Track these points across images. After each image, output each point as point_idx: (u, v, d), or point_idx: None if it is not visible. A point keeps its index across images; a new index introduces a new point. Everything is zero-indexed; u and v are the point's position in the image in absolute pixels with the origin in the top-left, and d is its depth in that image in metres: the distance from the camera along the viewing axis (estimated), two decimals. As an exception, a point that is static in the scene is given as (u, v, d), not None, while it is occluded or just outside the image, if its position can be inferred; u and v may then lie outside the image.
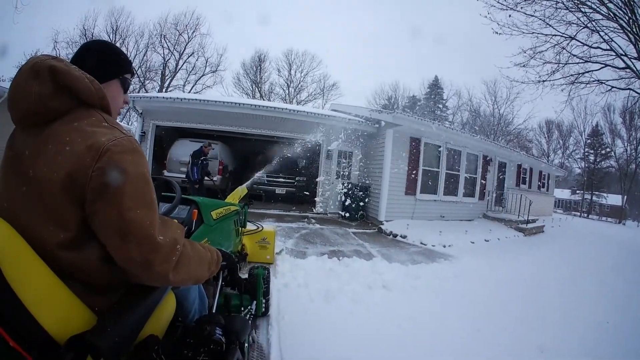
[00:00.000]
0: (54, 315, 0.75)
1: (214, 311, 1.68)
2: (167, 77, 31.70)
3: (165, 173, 9.14)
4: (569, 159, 40.51)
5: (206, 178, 8.17)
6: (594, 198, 38.08)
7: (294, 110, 9.19)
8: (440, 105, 38.32)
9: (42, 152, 0.81)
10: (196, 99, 8.85)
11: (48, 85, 0.84)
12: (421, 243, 7.16)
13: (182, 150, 8.83)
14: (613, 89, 10.81)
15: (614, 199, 36.68)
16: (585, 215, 35.09)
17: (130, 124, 22.74)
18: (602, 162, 36.97)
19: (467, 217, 10.95)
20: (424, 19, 66.97)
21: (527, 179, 16.44)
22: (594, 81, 10.77)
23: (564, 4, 10.34)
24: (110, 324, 0.78)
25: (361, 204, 9.33)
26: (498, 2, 10.29)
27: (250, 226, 3.44)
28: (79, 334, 0.75)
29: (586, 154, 37.55)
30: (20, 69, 0.86)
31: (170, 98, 8.48)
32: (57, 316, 0.76)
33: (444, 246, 7.15)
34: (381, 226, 8.20)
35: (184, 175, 8.06)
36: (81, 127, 0.84)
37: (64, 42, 25.30)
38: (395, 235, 7.61)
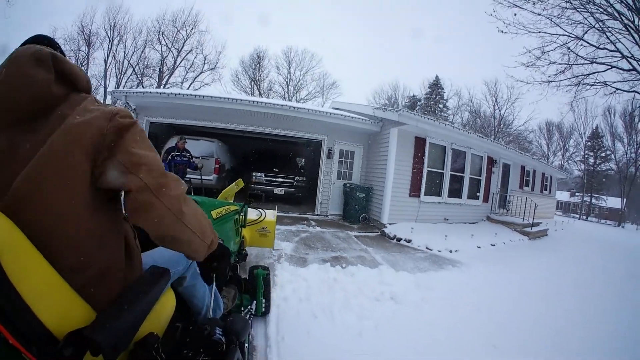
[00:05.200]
0: (53, 310, 0.74)
1: None
2: (164, 75, 31.29)
3: None
4: (569, 161, 40.68)
5: (202, 177, 7.76)
6: (593, 200, 38.39)
7: (293, 107, 8.76)
8: (441, 106, 37.98)
9: (51, 135, 0.83)
10: (191, 95, 8.44)
11: (52, 72, 0.89)
12: (427, 248, 6.81)
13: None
14: (617, 91, 10.71)
15: (614, 202, 37.25)
16: (584, 217, 35.33)
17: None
18: (602, 165, 37.13)
19: (471, 220, 10.71)
20: (425, 19, 66.84)
21: (531, 181, 16.36)
22: (598, 83, 10.71)
23: (571, 2, 10.21)
24: (109, 320, 0.77)
25: (363, 205, 8.98)
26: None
27: (252, 212, 3.47)
28: (78, 329, 0.74)
29: (586, 156, 37.74)
30: (16, 60, 0.87)
31: (165, 93, 8.03)
32: (56, 311, 0.74)
33: (451, 251, 6.83)
34: (384, 229, 7.84)
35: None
36: (87, 107, 0.90)
37: (62, 39, 25.11)
38: (399, 240, 7.25)
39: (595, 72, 11.18)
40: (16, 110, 0.85)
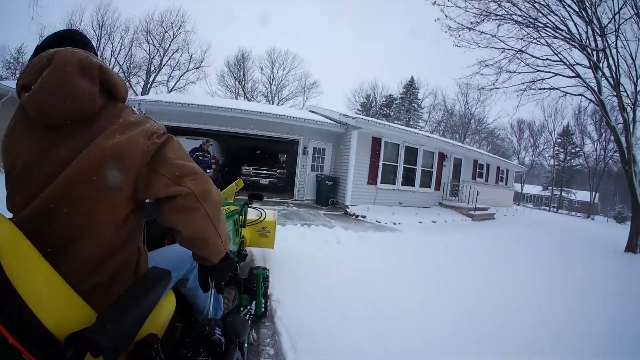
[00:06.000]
0: (54, 311, 0.75)
1: None
2: (152, 73, 32.40)
3: None
4: (539, 157, 42.79)
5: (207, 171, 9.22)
6: (564, 194, 40.41)
7: (276, 114, 11.01)
8: (415, 105, 40.26)
9: (95, 146, 0.85)
10: (194, 104, 10.44)
11: (97, 84, 0.90)
12: (376, 221, 9.07)
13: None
14: (567, 95, 12.38)
15: (584, 195, 39.30)
16: (555, 209, 37.39)
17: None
18: (572, 161, 39.21)
19: (424, 205, 12.79)
20: (407, 19, 68.87)
21: (484, 174, 18.23)
22: (549, 87, 12.38)
23: (518, 23, 11.90)
24: (110, 321, 0.77)
25: (331, 191, 11.21)
26: (454, 22, 12.05)
27: (252, 212, 3.46)
28: (79, 330, 0.75)
29: (556, 152, 39.81)
30: (62, 64, 0.86)
31: (173, 102, 10.07)
32: (57, 312, 0.76)
33: (395, 223, 9.03)
34: (347, 209, 10.08)
35: None
36: (127, 120, 0.93)
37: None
38: (357, 216, 9.50)
39: (539, 79, 12.72)
40: (56, 116, 0.85)
